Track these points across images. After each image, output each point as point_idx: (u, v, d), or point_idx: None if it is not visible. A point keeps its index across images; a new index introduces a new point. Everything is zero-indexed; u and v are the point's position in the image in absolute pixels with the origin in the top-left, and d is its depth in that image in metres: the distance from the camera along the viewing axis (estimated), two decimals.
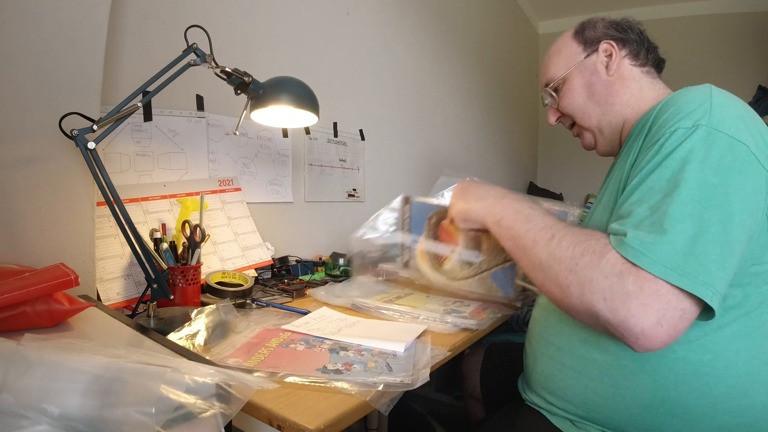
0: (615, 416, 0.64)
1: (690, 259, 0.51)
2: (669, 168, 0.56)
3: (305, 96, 0.92)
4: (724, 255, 0.52)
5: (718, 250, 0.51)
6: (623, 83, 0.77)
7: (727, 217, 0.52)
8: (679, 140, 0.57)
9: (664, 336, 0.51)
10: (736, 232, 0.53)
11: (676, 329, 0.51)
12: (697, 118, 0.57)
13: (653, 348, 0.52)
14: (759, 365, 0.58)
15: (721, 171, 0.54)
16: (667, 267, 0.51)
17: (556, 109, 0.86)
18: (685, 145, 0.56)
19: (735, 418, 0.58)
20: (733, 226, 0.52)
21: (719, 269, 0.51)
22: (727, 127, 0.56)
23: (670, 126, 0.59)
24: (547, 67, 0.86)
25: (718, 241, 0.52)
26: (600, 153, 0.85)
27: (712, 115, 0.57)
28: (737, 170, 0.54)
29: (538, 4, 3.45)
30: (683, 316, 0.51)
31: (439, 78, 2.29)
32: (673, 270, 0.51)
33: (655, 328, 0.51)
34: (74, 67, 0.78)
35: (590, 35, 0.80)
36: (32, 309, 0.57)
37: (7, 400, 0.36)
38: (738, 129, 0.56)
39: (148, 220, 1.02)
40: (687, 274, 0.51)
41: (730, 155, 0.54)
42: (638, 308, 0.51)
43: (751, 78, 2.85)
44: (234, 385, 0.42)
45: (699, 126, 0.56)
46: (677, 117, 0.59)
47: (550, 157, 3.87)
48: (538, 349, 0.75)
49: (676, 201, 0.53)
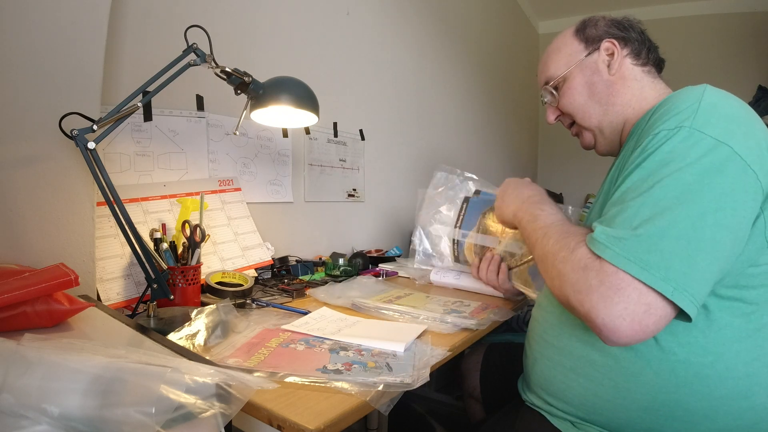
0: (615, 418, 0.63)
1: (653, 253, 0.51)
2: (647, 169, 0.57)
3: (305, 96, 0.92)
4: (693, 252, 0.51)
5: (685, 245, 0.51)
6: (624, 83, 0.77)
7: (699, 215, 0.52)
8: (661, 141, 0.57)
9: (628, 330, 0.51)
10: (710, 230, 0.52)
11: (642, 324, 0.51)
12: (682, 120, 0.57)
13: (621, 342, 0.52)
14: (759, 367, 0.58)
15: (699, 171, 0.53)
16: (629, 260, 0.52)
17: (556, 108, 0.86)
18: (666, 147, 0.56)
19: (736, 420, 0.58)
20: (706, 223, 0.52)
21: (687, 266, 0.51)
22: (711, 128, 0.55)
23: (655, 128, 0.59)
24: (547, 65, 0.85)
25: (686, 237, 0.51)
26: (600, 153, 0.84)
27: (697, 117, 0.56)
28: (716, 170, 0.53)
29: (538, 4, 3.45)
30: (648, 311, 0.51)
31: (439, 78, 2.29)
32: (635, 263, 0.51)
33: (616, 321, 0.51)
34: (74, 67, 0.78)
35: (591, 33, 0.80)
36: (32, 309, 0.57)
37: (7, 400, 0.36)
38: (723, 131, 0.55)
39: (148, 220, 1.02)
40: (649, 267, 0.51)
41: (711, 156, 0.54)
42: (599, 300, 0.53)
43: (751, 78, 2.85)
44: (234, 385, 0.42)
45: (682, 127, 0.56)
46: (664, 119, 0.59)
47: (550, 157, 3.87)
48: (538, 350, 0.75)
49: (647, 199, 0.54)
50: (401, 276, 1.37)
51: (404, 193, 2.02)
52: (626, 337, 0.52)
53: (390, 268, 1.40)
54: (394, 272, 1.38)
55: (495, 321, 0.91)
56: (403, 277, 1.36)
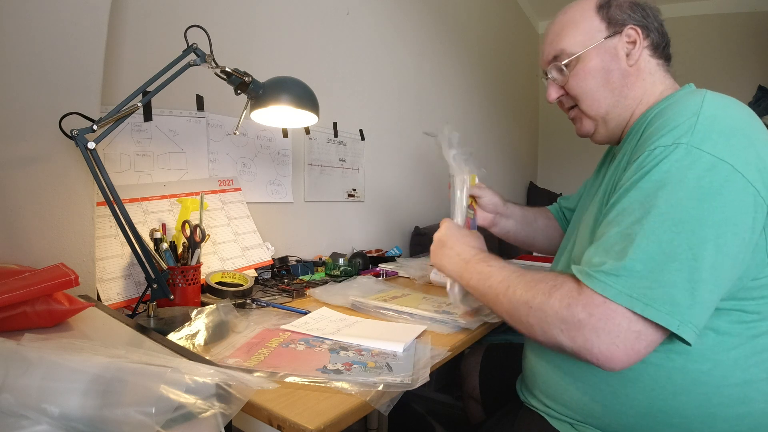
0: (613, 423, 0.63)
1: (656, 289, 0.51)
2: (643, 190, 0.55)
3: (305, 96, 0.92)
4: (695, 283, 0.50)
5: (687, 278, 0.51)
6: (639, 75, 0.72)
7: (699, 244, 0.51)
8: (657, 159, 0.55)
9: (622, 356, 0.52)
10: (711, 258, 0.51)
11: (634, 350, 0.52)
12: (679, 135, 0.55)
13: (616, 368, 0.53)
14: (757, 373, 0.57)
15: (698, 194, 0.52)
16: (633, 297, 0.51)
17: (560, 87, 0.77)
18: (662, 166, 0.54)
19: (733, 426, 0.57)
20: (707, 252, 0.51)
21: (690, 298, 0.50)
22: (710, 145, 0.53)
23: (651, 143, 0.57)
24: (560, 37, 0.75)
25: (687, 269, 0.51)
26: (596, 141, 0.79)
27: (696, 132, 0.54)
28: (716, 192, 0.52)
29: (538, 4, 3.45)
30: (639, 338, 0.52)
31: (439, 78, 2.29)
32: (639, 300, 0.51)
33: (610, 348, 0.52)
34: (74, 67, 0.78)
35: (616, 15, 0.72)
36: (32, 309, 0.57)
37: (7, 400, 0.36)
38: (723, 147, 0.53)
39: (148, 220, 1.02)
40: (653, 303, 0.51)
41: (710, 177, 0.52)
42: (590, 333, 0.53)
43: (751, 78, 2.85)
44: (234, 385, 0.42)
45: (679, 144, 0.54)
46: (660, 132, 0.57)
47: (550, 157, 3.87)
48: (536, 353, 0.74)
49: (644, 227, 0.53)
50: (401, 276, 1.37)
51: (404, 193, 2.02)
52: (621, 363, 0.52)
53: (390, 268, 1.40)
54: (394, 272, 1.38)
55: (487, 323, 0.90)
56: (403, 277, 1.36)
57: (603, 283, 0.53)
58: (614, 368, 0.53)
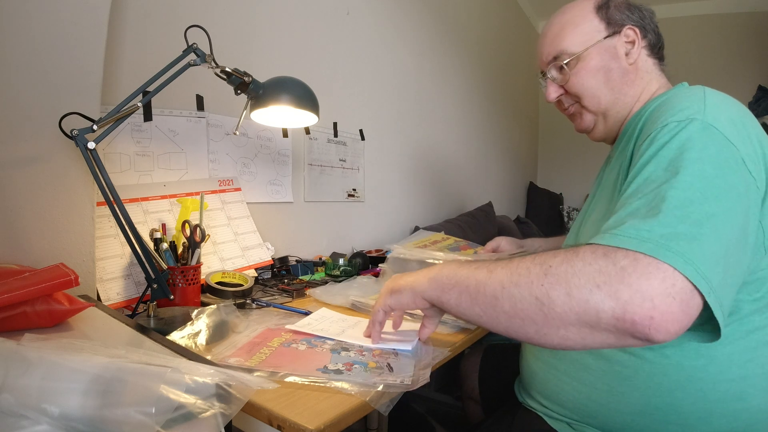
0: (610, 421, 0.63)
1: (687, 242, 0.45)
2: (665, 157, 0.53)
3: (305, 96, 0.92)
4: (722, 250, 0.47)
5: (717, 244, 0.47)
6: (638, 74, 0.75)
7: (724, 212, 0.48)
8: (674, 132, 0.54)
9: (678, 312, 0.42)
10: (732, 230, 0.49)
11: (690, 306, 0.43)
12: (692, 113, 0.55)
13: (672, 330, 0.43)
14: (753, 368, 0.57)
15: (719, 165, 0.50)
16: (660, 246, 0.44)
17: (560, 86, 0.79)
18: (681, 135, 0.53)
19: (730, 422, 0.57)
20: (729, 222, 0.48)
21: (717, 264, 0.46)
22: (721, 126, 0.54)
23: (662, 121, 0.57)
24: (560, 38, 0.77)
25: (716, 235, 0.47)
26: (595, 138, 0.81)
27: (707, 112, 0.55)
28: (732, 169, 0.51)
29: (538, 4, 3.45)
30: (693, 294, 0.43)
31: (439, 78, 2.29)
32: (668, 249, 0.44)
33: (667, 300, 0.42)
34: (74, 67, 0.78)
35: (614, 16, 0.75)
36: (32, 309, 0.57)
37: (7, 400, 0.36)
38: (731, 131, 0.54)
39: (148, 220, 1.02)
40: (683, 255, 0.44)
41: (725, 153, 0.52)
42: (641, 278, 0.43)
43: (751, 78, 2.85)
44: (234, 385, 0.42)
45: (693, 119, 0.54)
46: (670, 112, 0.57)
47: (550, 157, 3.87)
48: (532, 353, 0.75)
49: (675, 187, 0.49)
50: None
51: (404, 193, 2.02)
52: (679, 323, 0.43)
53: None
54: None
55: None
56: None
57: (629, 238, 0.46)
58: (669, 330, 0.43)
